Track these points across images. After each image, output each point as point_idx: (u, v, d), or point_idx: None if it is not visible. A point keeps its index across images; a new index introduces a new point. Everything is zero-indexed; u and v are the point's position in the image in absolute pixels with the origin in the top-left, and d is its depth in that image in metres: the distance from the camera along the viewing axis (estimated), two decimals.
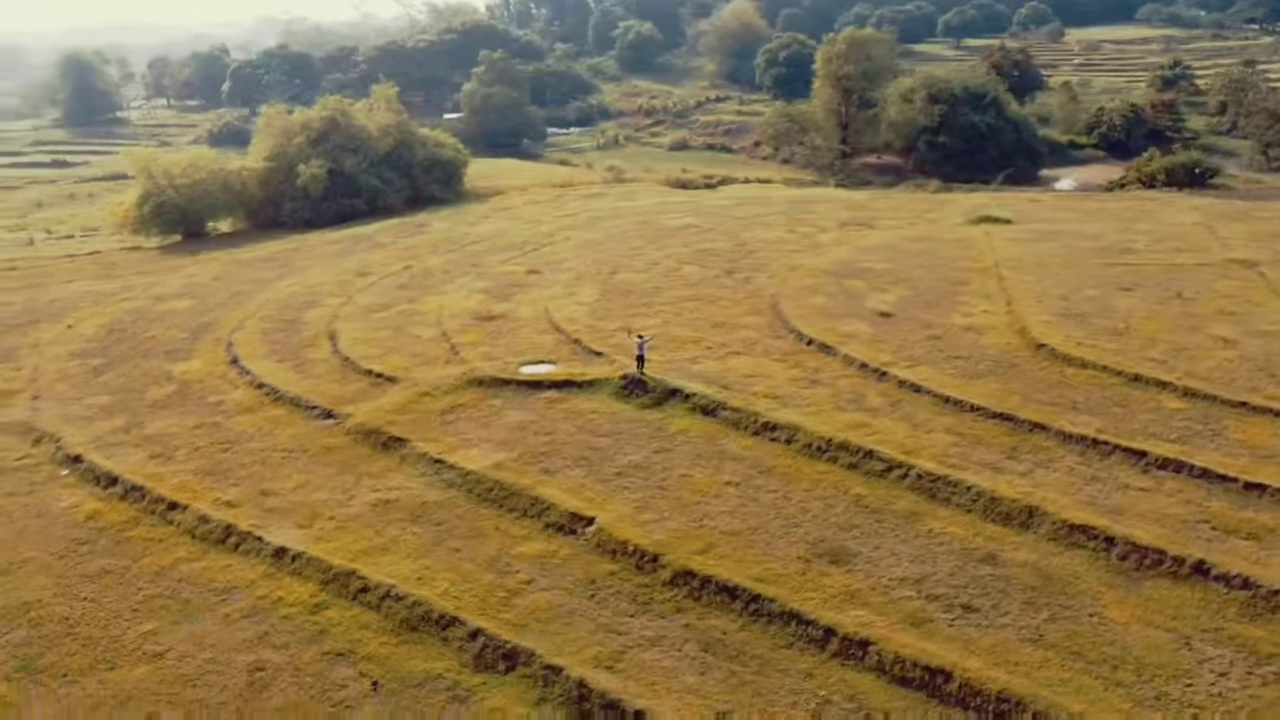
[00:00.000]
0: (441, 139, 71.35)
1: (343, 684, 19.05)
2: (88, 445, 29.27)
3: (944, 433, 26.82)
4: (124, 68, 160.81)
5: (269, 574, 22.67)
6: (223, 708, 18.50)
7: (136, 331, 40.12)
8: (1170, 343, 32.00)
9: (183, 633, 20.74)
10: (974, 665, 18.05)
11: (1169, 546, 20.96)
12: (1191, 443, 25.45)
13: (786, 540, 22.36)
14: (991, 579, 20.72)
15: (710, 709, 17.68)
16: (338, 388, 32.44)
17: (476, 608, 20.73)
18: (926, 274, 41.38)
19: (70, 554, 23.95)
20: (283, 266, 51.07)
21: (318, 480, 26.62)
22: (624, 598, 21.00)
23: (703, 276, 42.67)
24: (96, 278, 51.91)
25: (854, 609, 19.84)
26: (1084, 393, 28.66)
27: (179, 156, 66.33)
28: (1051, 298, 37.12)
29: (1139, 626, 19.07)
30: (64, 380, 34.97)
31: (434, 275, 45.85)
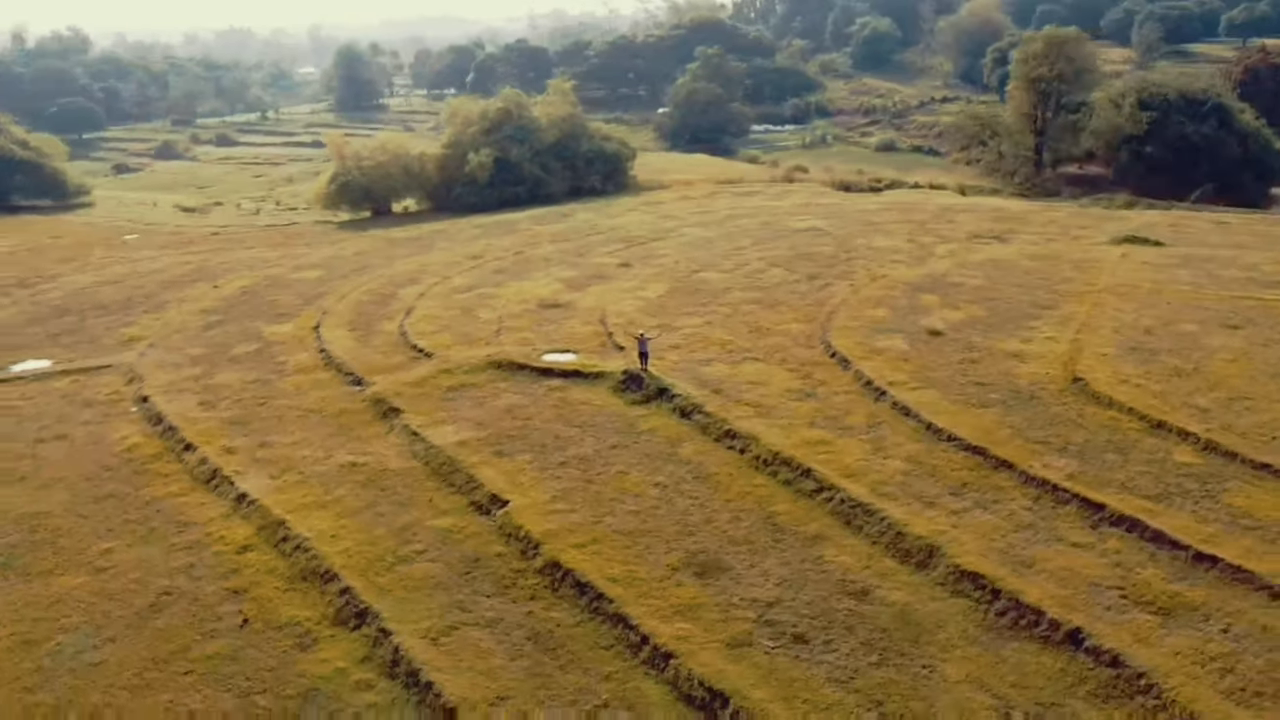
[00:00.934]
0: (609, 132, 73.63)
1: (221, 618, 21.21)
2: (159, 389, 33.69)
3: (902, 460, 25.29)
4: (395, 59, 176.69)
5: (225, 515, 25.38)
6: (113, 622, 21.18)
7: (262, 296, 45.13)
8: (1233, 390, 28.06)
9: (132, 554, 23.78)
10: (759, 696, 17.37)
11: (1051, 609, 18.90)
12: (1169, 501, 22.49)
13: (669, 547, 22.19)
14: (848, 614, 19.62)
15: (495, 692, 18.21)
16: (382, 359, 35.14)
17: (361, 568, 22.26)
18: (1016, 294, 38.39)
19: (94, 477, 27.91)
20: (422, 246, 55.18)
21: (313, 439, 29.24)
22: (491, 579, 21.77)
23: (782, 280, 41.91)
24: (270, 246, 58.58)
25: (682, 622, 19.53)
26: (1088, 434, 25.91)
27: (369, 140, 73.02)
28: (1132, 329, 33.43)
29: (967, 687, 17.47)
30: (180, 333, 40.17)
31: (535, 262, 47.97)
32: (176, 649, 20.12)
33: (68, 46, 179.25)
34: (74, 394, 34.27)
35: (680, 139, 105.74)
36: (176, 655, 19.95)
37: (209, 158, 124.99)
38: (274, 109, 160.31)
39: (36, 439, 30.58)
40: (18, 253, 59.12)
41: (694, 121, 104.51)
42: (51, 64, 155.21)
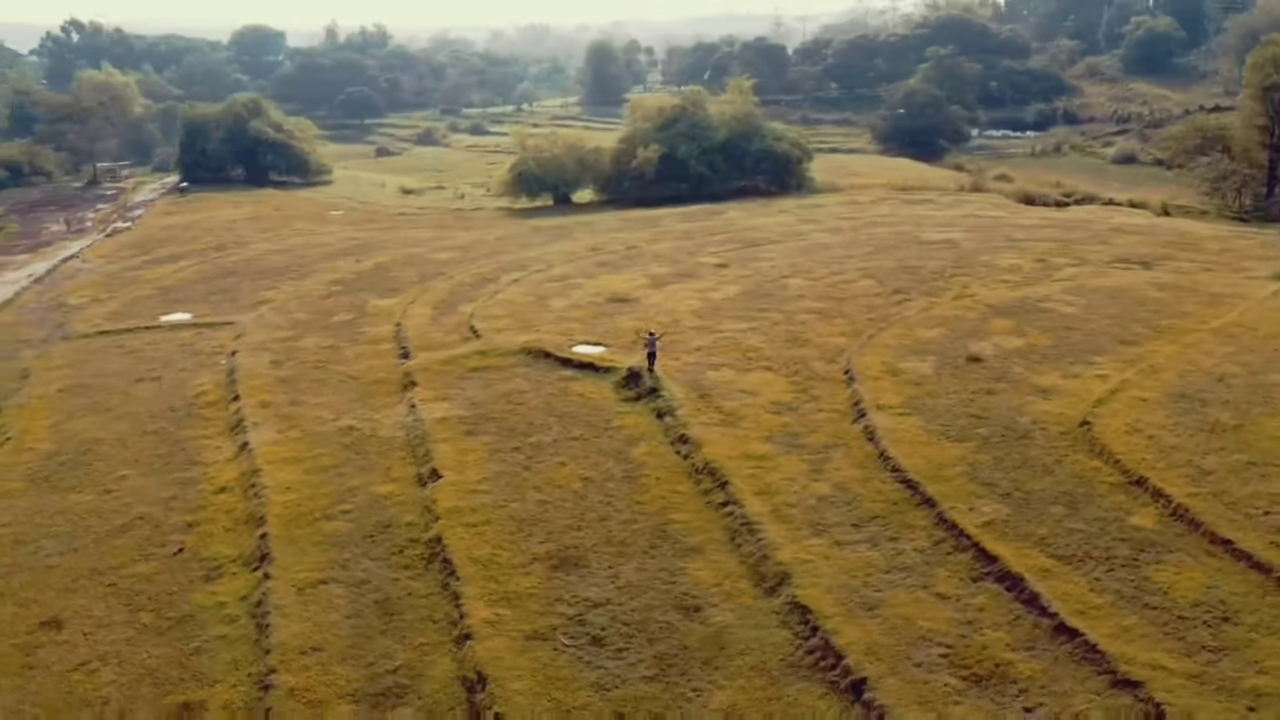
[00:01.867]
0: (781, 133, 72.60)
1: (165, 545, 24.24)
2: (248, 345, 38.15)
3: (829, 485, 24.14)
4: (650, 56, 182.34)
5: (226, 460, 28.68)
6: (86, 535, 24.78)
7: (390, 272, 49.31)
8: (1262, 454, 24.15)
9: (137, 483, 27.52)
10: (514, 687, 17.72)
11: (854, 656, 17.69)
12: (1078, 566, 20.06)
13: (546, 538, 22.74)
14: (663, 627, 19.34)
15: (313, 644, 19.71)
16: (440, 337, 37.71)
17: (289, 520, 24.52)
18: (1105, 325, 34.68)
19: (156, 415, 32.32)
20: (559, 235, 57.65)
21: (335, 402, 32.17)
22: (387, 545, 23.27)
23: (863, 292, 40.26)
24: (435, 228, 63.48)
25: (504, 608, 20.10)
26: (1049, 483, 23.43)
27: (547, 132, 76.70)
28: (1204, 375, 29.35)
29: (719, 718, 16.87)
30: (300, 299, 44.97)
31: (640, 258, 48.91)
32: (115, 565, 23.32)
33: (369, 41, 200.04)
34: (190, 344, 39.52)
35: (894, 142, 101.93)
36: (112, 570, 23.12)
37: (458, 145, 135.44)
38: (533, 102, 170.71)
39: (137, 379, 35.75)
40: (238, 221, 67.97)
41: (909, 124, 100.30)
42: (349, 56, 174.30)
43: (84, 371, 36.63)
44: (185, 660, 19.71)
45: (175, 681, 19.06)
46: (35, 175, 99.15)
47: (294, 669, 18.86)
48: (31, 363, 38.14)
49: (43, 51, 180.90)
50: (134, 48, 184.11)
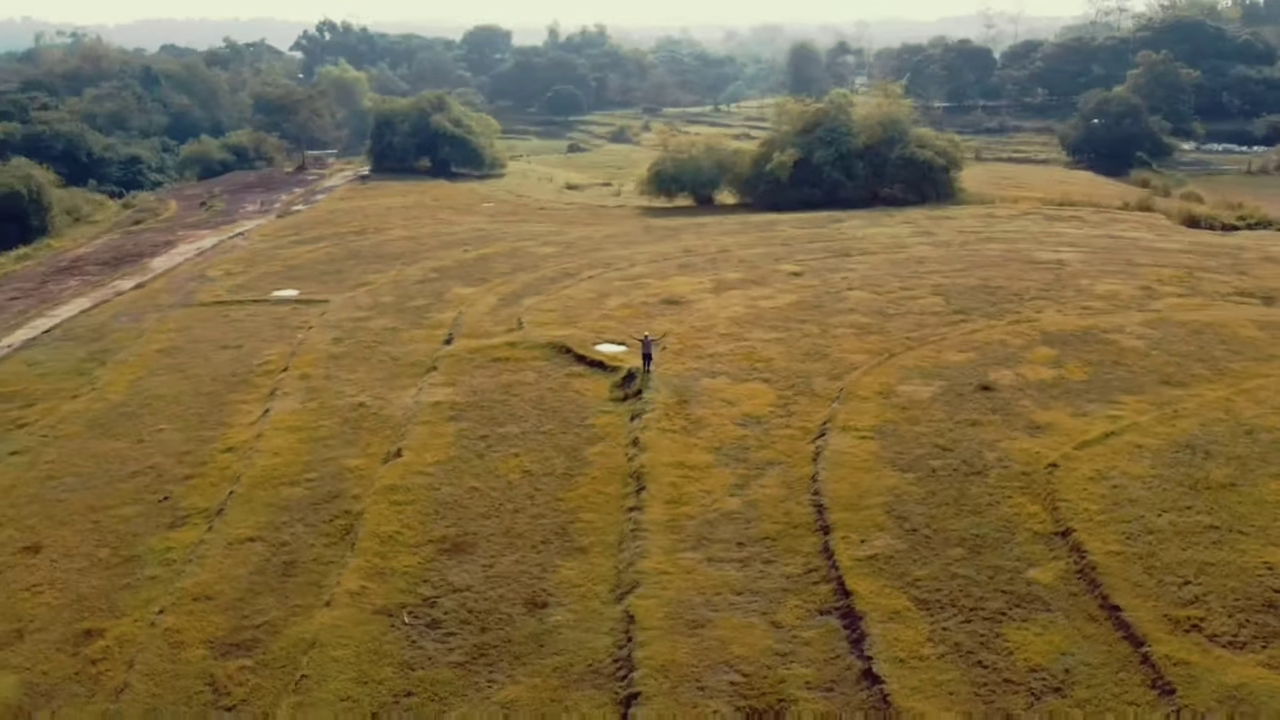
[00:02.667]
0: (927, 140, 69.19)
1: (157, 493, 27.22)
2: (324, 323, 41.49)
3: (742, 501, 23.73)
4: (859, 58, 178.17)
5: (248, 424, 31.61)
6: (102, 477, 28.26)
7: (488, 263, 51.76)
8: (1234, 517, 21.37)
9: (169, 436, 30.84)
10: (336, 655, 18.89)
11: (638, 671, 17.55)
12: (930, 611, 18.76)
13: (453, 524, 23.73)
14: (502, 619, 19.92)
15: (211, 593, 21.76)
16: (489, 327, 39.52)
17: (257, 483, 26.74)
18: (1164, 362, 31.43)
19: (219, 379, 35.88)
20: (667, 236, 58.22)
21: (365, 380, 34.59)
22: (325, 513, 25.04)
23: (922, 310, 38.40)
24: (559, 222, 65.74)
25: (372, 583, 21.30)
26: (966, 523, 21.88)
27: (689, 137, 77.00)
28: (1231, 422, 26.14)
29: (490, 710, 17.29)
30: (395, 283, 48.20)
31: (722, 262, 48.68)
32: (108, 505, 26.52)
33: (588, 40, 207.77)
34: (282, 318, 43.48)
35: (1085, 153, 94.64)
36: (103, 509, 26.31)
37: (648, 143, 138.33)
38: (734, 103, 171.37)
39: (221, 345, 39.89)
40: (392, 209, 73.26)
41: (1103, 135, 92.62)
42: (563, 55, 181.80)
43: (183, 336, 41.23)
44: (113, 594, 22.29)
45: (94, 610, 21.63)
46: (259, 160, 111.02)
47: (179, 612, 20.94)
48: (149, 325, 43.32)
49: (299, 48, 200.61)
50: (376, 45, 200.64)
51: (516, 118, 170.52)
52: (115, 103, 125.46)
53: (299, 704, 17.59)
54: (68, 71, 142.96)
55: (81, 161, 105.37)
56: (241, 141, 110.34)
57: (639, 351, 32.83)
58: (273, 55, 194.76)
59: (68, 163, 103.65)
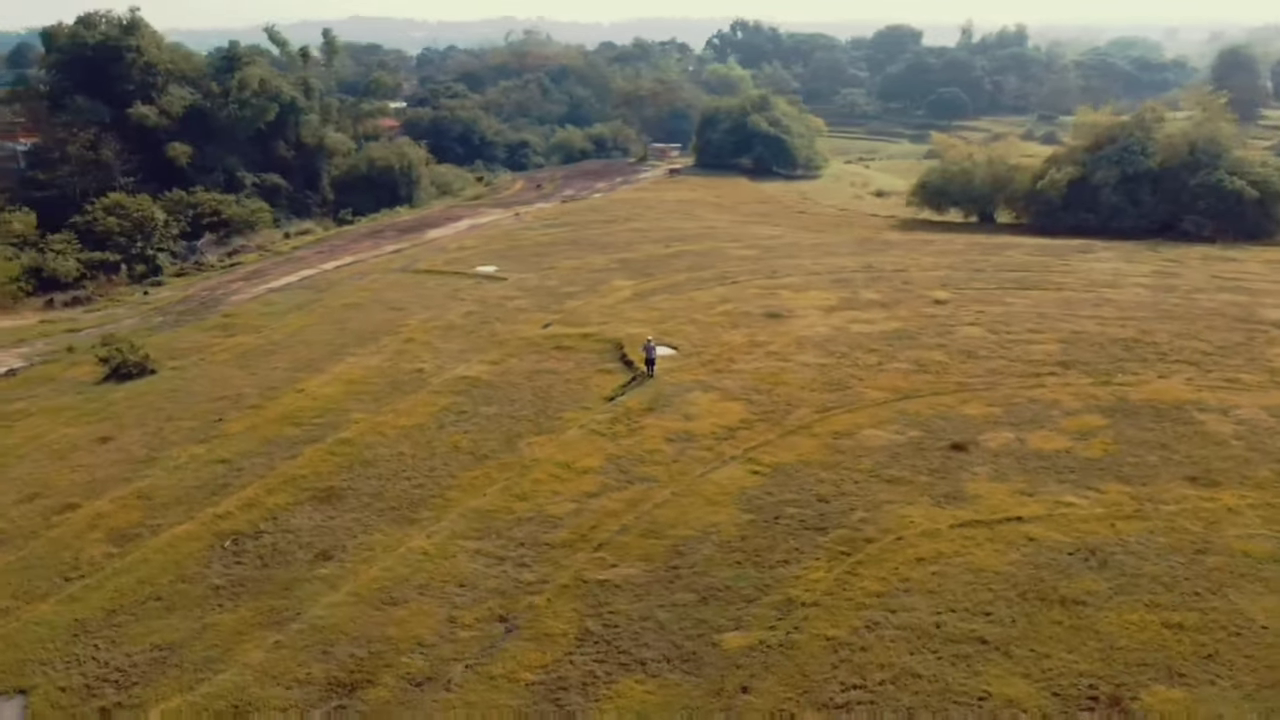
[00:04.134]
0: (1246, 165, 57.17)
1: (220, 415, 33.57)
2: (478, 299, 46.42)
3: (537, 508, 24.00)
4: None
5: (336, 369, 37.29)
6: (202, 397, 35.31)
7: (673, 259, 53.47)
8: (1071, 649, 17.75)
9: (278, 374, 37.44)
10: (140, 574, 22.98)
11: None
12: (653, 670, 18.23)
13: (351, 476, 26.88)
14: (305, 565, 22.72)
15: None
16: (590, 316, 41.80)
17: (279, 417, 32.13)
18: (1234, 456, 25.50)
19: (357, 335, 42.20)
20: (875, 250, 55.59)
21: (448, 351, 38.49)
22: (290, 443, 29.47)
23: (1018, 357, 33.94)
24: (794, 226, 65.03)
25: (232, 507, 25.13)
26: (727, 571, 20.43)
27: (970, 147, 70.44)
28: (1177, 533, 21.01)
29: (247, 672, 20.24)
30: (576, 270, 51.88)
31: (877, 282, 45.88)
32: (183, 416, 33.34)
33: (1004, 40, 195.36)
34: (458, 290, 49.05)
35: None
36: (175, 420, 33.10)
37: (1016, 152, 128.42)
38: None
39: (391, 306, 46.29)
40: (669, 202, 77.05)
41: None
42: (959, 56, 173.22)
43: (371, 295, 48.46)
44: (118, 480, 28.50)
45: (95, 488, 27.92)
46: (616, 150, 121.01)
47: (130, 504, 26.38)
48: (359, 284, 51.34)
49: (709, 47, 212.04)
50: (781, 44, 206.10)
51: (899, 120, 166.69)
52: (521, 94, 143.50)
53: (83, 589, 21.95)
54: (499, 65, 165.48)
55: (474, 143, 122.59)
56: (602, 132, 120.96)
57: (679, 355, 33.25)
58: (684, 53, 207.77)
59: (463, 144, 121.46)
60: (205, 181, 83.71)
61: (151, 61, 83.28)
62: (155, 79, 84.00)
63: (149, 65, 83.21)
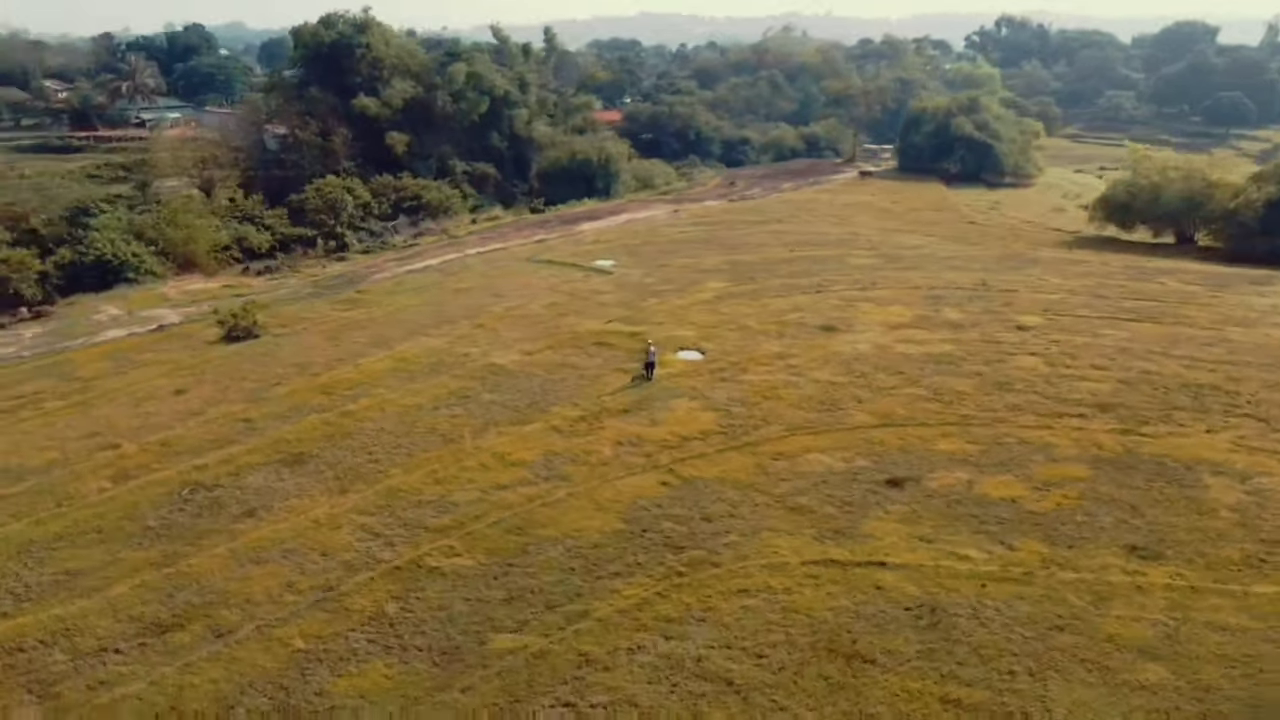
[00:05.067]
0: None
1: (278, 381, 37.34)
2: (575, 291, 48.00)
3: (443, 493, 24.84)
4: None
5: (400, 349, 40.26)
6: (284, 362, 39.34)
7: (784, 264, 52.38)
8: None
9: (349, 347, 41.00)
10: (108, 495, 26.35)
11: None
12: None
13: (320, 443, 29.22)
14: (240, 494, 25.28)
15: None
16: (658, 317, 42.15)
17: (316, 387, 35.29)
18: (1218, 527, 22.19)
19: (449, 316, 45.14)
20: (1007, 269, 51.45)
21: (507, 339, 40.30)
22: (312, 408, 32.45)
23: (1059, 395, 30.82)
24: (947, 238, 61.14)
25: (214, 453, 28.12)
26: (547, 573, 20.48)
27: (1168, 158, 61.97)
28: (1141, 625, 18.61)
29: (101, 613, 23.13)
30: (683, 269, 52.13)
31: (972, 301, 42.60)
32: (251, 379, 37.35)
33: None
34: (563, 282, 50.85)
35: None
36: (247, 379, 37.22)
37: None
38: None
39: (494, 293, 48.88)
40: (835, 205, 74.91)
41: None
42: (1249, 55, 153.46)
43: (482, 282, 51.33)
44: (159, 428, 32.64)
45: (140, 433, 32.18)
46: (828, 149, 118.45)
47: (151, 449, 30.28)
48: (478, 270, 54.43)
49: (969, 44, 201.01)
50: (1049, 42, 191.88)
51: (1169, 126, 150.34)
52: (750, 91, 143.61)
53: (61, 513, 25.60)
54: (737, 62, 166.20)
55: (689, 139, 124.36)
56: (815, 131, 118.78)
57: (705, 360, 33.36)
58: (941, 50, 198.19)
59: (679, 139, 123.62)
60: (419, 168, 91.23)
61: (378, 57, 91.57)
62: (380, 73, 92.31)
63: (376, 60, 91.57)
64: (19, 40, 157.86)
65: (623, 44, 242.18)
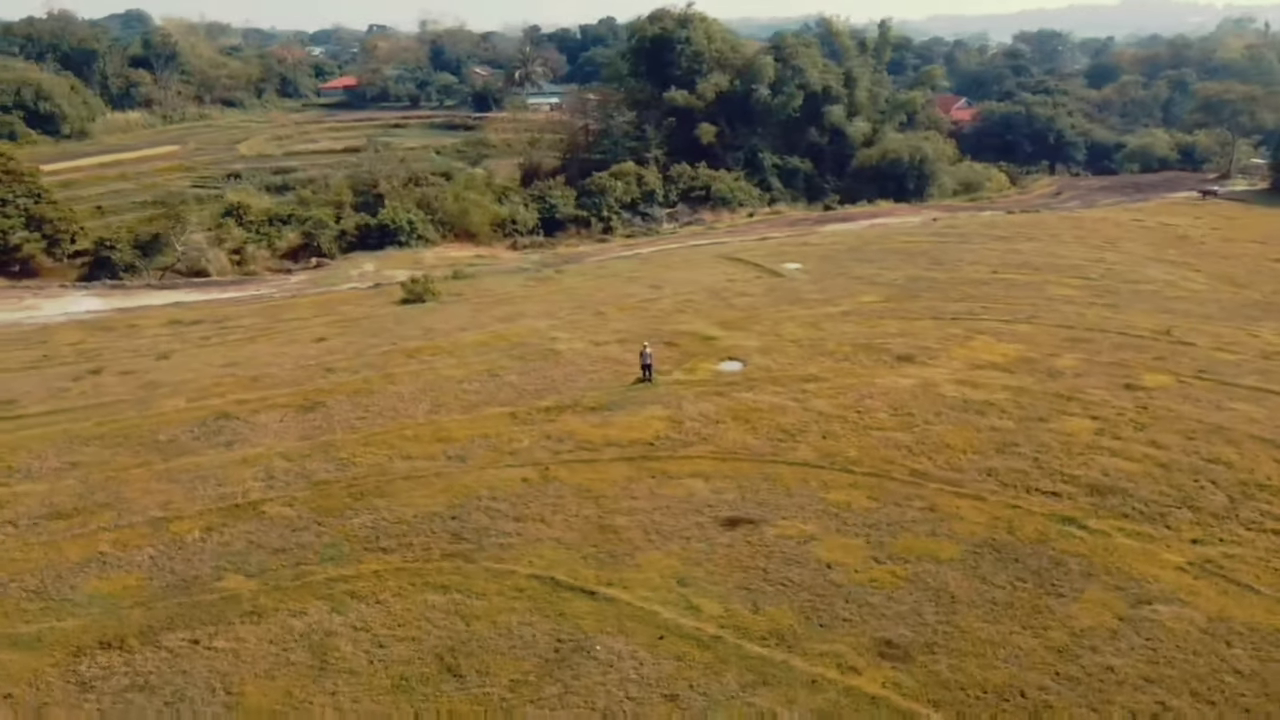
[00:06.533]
0: None
1: (333, 370, 42.44)
2: (752, 289, 48.14)
3: (450, 505, 27.33)
4: None
5: (502, 328, 43.65)
6: (377, 337, 44.53)
7: (959, 286, 47.74)
8: None
9: (430, 323, 45.22)
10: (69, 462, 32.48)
11: None
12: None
13: (344, 419, 33.34)
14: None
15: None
16: (761, 326, 41.30)
17: (382, 363, 39.77)
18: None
19: (654, 285, 47.67)
20: (1186, 313, 42.26)
21: (599, 331, 41.81)
22: (349, 369, 37.03)
23: (1050, 468, 26.20)
24: (1207, 270, 50.99)
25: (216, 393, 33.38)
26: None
27: None
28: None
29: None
30: (841, 278, 49.68)
31: (1095, 349, 36.11)
32: (375, 334, 42.92)
33: None
34: (723, 283, 50.70)
35: None
36: (372, 337, 42.85)
37: None
38: None
39: (652, 284, 50.54)
40: (1137, 230, 65.35)
41: None
42: None
43: (652, 274, 53.14)
44: (269, 365, 38.97)
45: (257, 368, 38.73)
46: (1205, 162, 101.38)
47: (244, 382, 36.64)
48: (664, 261, 55.97)
49: None
50: None
51: None
52: (1144, 92, 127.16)
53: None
54: (1146, 58, 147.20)
55: (1048, 142, 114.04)
56: (1193, 140, 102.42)
57: (741, 373, 33.74)
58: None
59: (1034, 141, 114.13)
60: (728, 159, 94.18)
61: (698, 51, 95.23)
62: (700, 65, 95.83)
63: (695, 54, 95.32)
64: (463, 33, 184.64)
65: (1045, 36, 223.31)
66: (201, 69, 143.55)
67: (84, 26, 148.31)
